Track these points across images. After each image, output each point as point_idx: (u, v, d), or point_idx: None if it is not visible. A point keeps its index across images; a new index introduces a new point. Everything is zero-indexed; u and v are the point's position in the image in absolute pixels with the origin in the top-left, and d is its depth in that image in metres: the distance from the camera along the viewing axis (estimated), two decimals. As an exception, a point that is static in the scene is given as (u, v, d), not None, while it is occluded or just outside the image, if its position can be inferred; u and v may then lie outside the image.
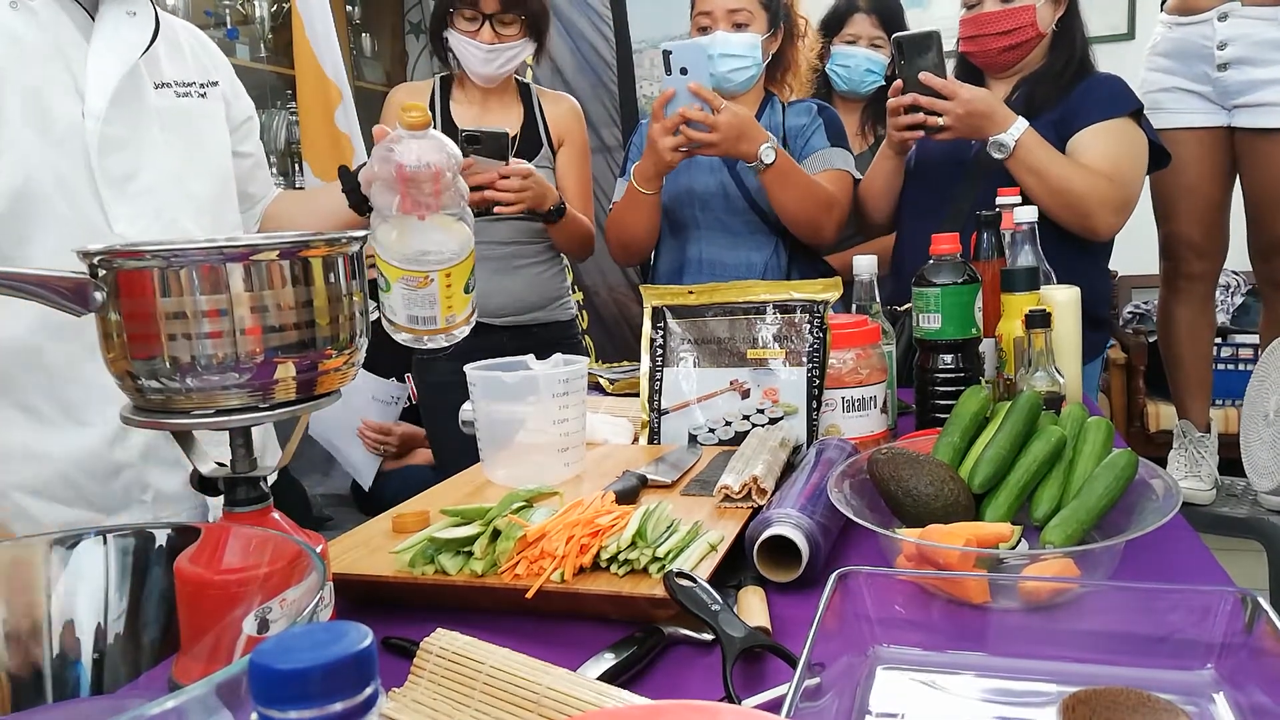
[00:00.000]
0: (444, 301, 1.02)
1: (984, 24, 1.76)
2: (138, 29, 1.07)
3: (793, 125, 1.87)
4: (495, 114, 2.00)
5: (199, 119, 1.17)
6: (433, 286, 1.01)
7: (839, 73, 2.27)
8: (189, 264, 0.62)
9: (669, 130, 1.63)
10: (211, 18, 3.44)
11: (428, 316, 1.02)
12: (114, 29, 1.06)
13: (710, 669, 0.72)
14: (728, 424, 1.27)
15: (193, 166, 1.14)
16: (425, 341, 1.05)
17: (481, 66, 1.92)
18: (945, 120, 1.65)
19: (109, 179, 1.04)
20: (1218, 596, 0.65)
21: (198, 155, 1.16)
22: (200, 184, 1.15)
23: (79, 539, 0.62)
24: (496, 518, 0.87)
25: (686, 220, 1.89)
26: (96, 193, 1.03)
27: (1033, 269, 1.27)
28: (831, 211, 1.79)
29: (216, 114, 1.21)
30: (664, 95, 1.63)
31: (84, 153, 1.02)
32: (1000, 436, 0.97)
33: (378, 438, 2.45)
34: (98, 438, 1.06)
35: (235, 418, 0.65)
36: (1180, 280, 2.23)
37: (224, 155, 1.22)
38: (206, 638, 0.61)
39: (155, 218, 1.09)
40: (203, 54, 1.23)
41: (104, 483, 1.07)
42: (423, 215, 0.99)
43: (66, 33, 1.04)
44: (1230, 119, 2.08)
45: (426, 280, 1.01)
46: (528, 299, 2.02)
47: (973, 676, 0.68)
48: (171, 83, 1.14)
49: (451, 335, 1.06)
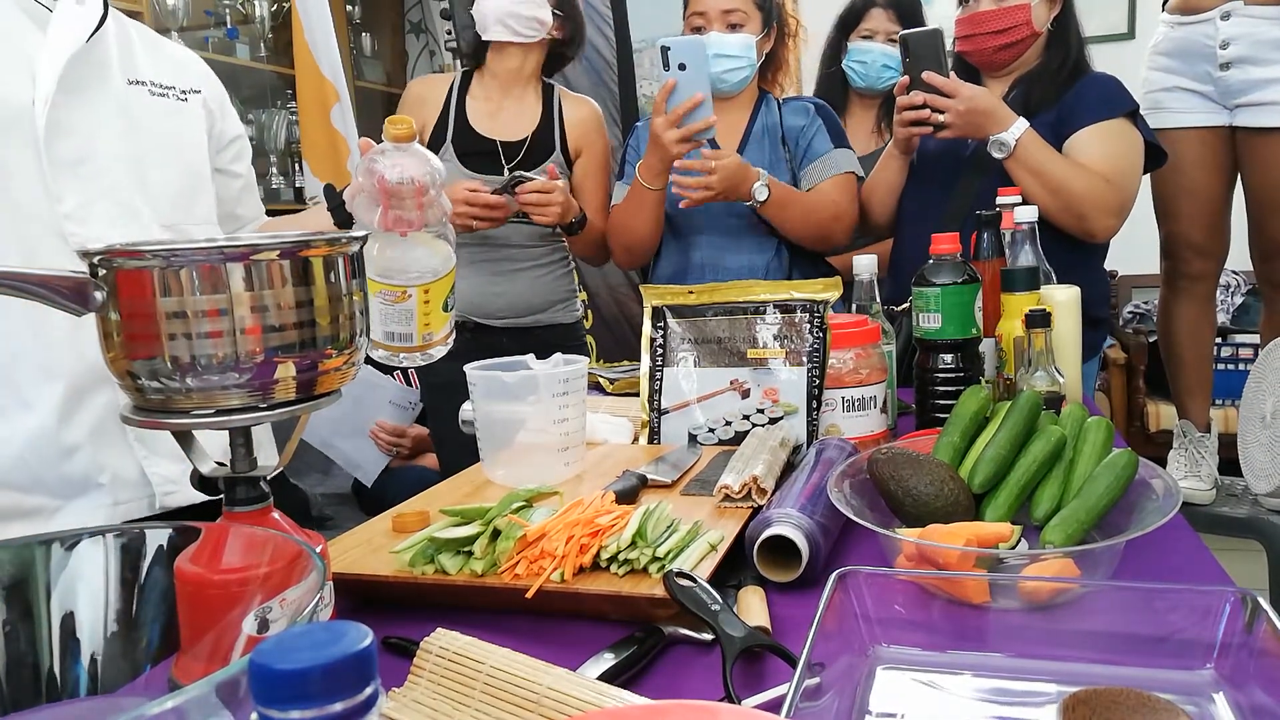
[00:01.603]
0: (421, 319, 1.02)
1: (979, 23, 1.76)
2: (84, 15, 1.10)
3: (791, 125, 1.87)
4: (510, 113, 1.97)
5: (173, 117, 1.20)
6: (410, 302, 1.01)
7: (855, 69, 2.23)
8: (189, 263, 0.62)
9: (673, 123, 1.63)
10: (211, 17, 3.44)
11: (404, 333, 1.02)
12: (63, 18, 1.09)
13: (710, 669, 0.72)
14: (728, 424, 1.27)
15: (157, 155, 1.16)
16: (401, 359, 1.05)
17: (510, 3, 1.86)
18: (947, 118, 1.66)
19: (57, 161, 1.06)
20: (1218, 596, 0.65)
21: (166, 147, 1.18)
22: (163, 173, 1.16)
23: (79, 539, 0.62)
24: (496, 517, 0.87)
25: (687, 224, 1.89)
26: (43, 173, 1.05)
27: (1033, 269, 1.27)
28: (840, 221, 1.80)
29: (194, 118, 1.23)
30: (665, 87, 1.63)
31: (33, 135, 1.04)
32: (1000, 436, 0.97)
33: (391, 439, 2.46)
34: (44, 418, 1.06)
35: (235, 417, 0.65)
36: (1181, 280, 2.23)
37: (197, 154, 1.23)
38: (206, 638, 0.61)
39: (109, 200, 1.10)
40: (194, 67, 1.27)
41: (57, 466, 1.08)
42: (404, 231, 0.98)
43: (21, 25, 1.07)
44: (1232, 118, 2.08)
45: (404, 295, 1.01)
46: (531, 301, 2.01)
47: (973, 676, 0.68)
48: (147, 82, 1.17)
49: (428, 354, 1.05)
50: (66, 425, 1.07)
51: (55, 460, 1.07)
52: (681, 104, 1.61)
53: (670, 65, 1.61)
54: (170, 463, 1.13)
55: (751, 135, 1.88)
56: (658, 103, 1.65)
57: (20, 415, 1.06)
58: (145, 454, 1.13)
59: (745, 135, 1.88)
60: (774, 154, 1.86)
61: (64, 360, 1.06)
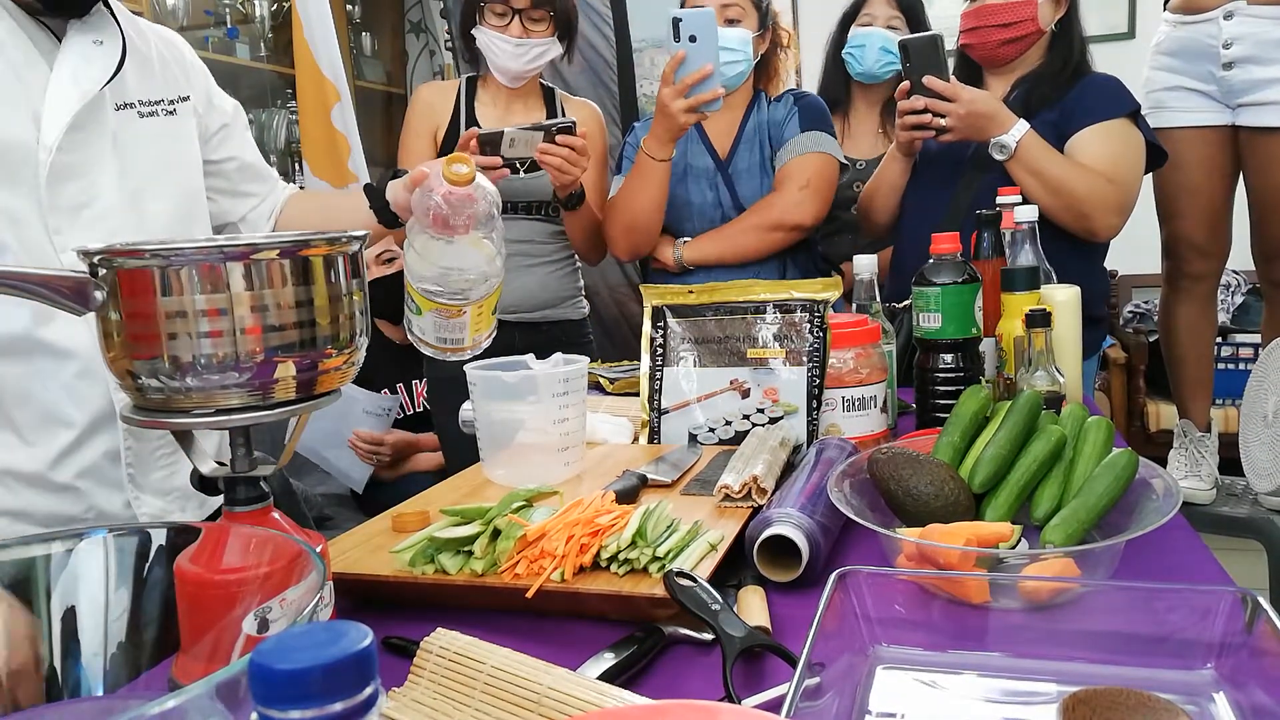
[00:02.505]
0: (473, 326, 1.08)
1: (985, 15, 1.77)
2: (103, 59, 1.04)
3: (774, 119, 1.88)
4: (518, 116, 2.01)
5: (162, 138, 1.14)
6: (464, 317, 1.07)
7: (853, 54, 2.20)
8: (189, 263, 0.62)
9: (680, 94, 1.64)
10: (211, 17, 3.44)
11: (456, 339, 1.09)
12: (78, 58, 1.03)
13: (710, 669, 0.72)
14: (728, 423, 1.27)
15: (152, 187, 1.11)
16: (449, 357, 1.11)
17: (510, 61, 1.91)
18: (948, 122, 1.67)
19: (59, 208, 1.01)
20: (1218, 596, 0.65)
21: (161, 175, 1.12)
22: (161, 204, 1.12)
23: (79, 539, 0.62)
24: (496, 517, 0.87)
25: (682, 230, 1.90)
26: (44, 219, 1.00)
27: (1033, 268, 1.27)
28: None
29: (184, 131, 1.17)
30: (675, 58, 1.63)
31: (35, 180, 0.99)
32: (1000, 436, 0.97)
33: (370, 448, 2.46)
34: (41, 459, 1.04)
35: (235, 417, 0.65)
36: (1182, 280, 2.23)
37: (191, 171, 1.19)
38: (206, 638, 0.61)
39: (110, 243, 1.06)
40: (174, 66, 1.19)
41: (46, 501, 1.05)
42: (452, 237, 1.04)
43: (27, 56, 1.01)
44: (1234, 118, 2.08)
45: (460, 313, 1.07)
46: (541, 296, 2.03)
47: (973, 676, 0.68)
48: (135, 103, 1.11)
49: (476, 348, 1.13)
50: (61, 466, 1.05)
51: (45, 496, 1.05)
52: (691, 74, 1.62)
53: (681, 37, 1.62)
54: (158, 499, 1.11)
55: (744, 135, 1.88)
56: (666, 73, 1.65)
57: (17, 451, 1.03)
58: (135, 494, 1.09)
59: (738, 134, 1.89)
60: (763, 152, 1.87)
61: (72, 412, 1.03)
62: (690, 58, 1.62)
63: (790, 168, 1.83)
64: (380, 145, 3.97)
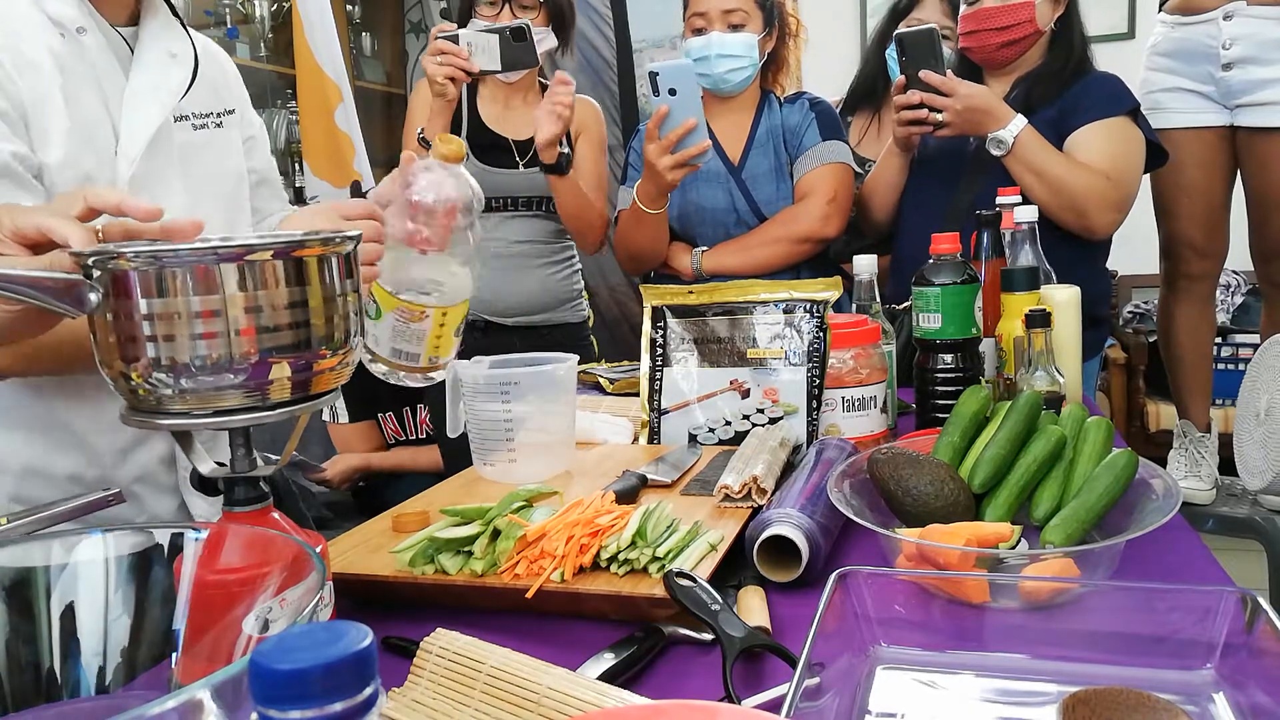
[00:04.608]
0: (432, 341, 1.01)
1: (984, 19, 1.77)
2: (178, 71, 1.06)
3: (789, 124, 1.87)
4: (518, 112, 2.00)
5: (213, 151, 1.15)
6: (426, 323, 1.00)
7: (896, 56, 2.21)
8: (183, 264, 0.62)
9: (666, 150, 1.61)
10: (211, 17, 3.44)
11: (412, 353, 1.01)
12: (156, 70, 1.04)
13: (710, 669, 0.72)
14: (728, 424, 1.27)
15: (206, 202, 1.12)
16: (402, 378, 1.03)
17: None
18: (945, 117, 1.67)
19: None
20: (1218, 596, 0.65)
21: (212, 187, 1.14)
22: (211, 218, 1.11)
23: (79, 539, 0.62)
24: (496, 517, 0.87)
25: (695, 236, 1.89)
26: None
27: (1033, 269, 1.27)
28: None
29: (231, 143, 1.19)
30: (658, 114, 1.60)
31: None
32: (1000, 436, 0.97)
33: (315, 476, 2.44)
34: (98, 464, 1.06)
35: (233, 418, 0.65)
36: (1181, 280, 2.24)
37: (239, 182, 1.20)
38: (206, 638, 0.61)
39: None
40: (220, 80, 1.21)
41: None
42: (424, 250, 0.97)
43: (108, 66, 1.02)
44: (1233, 118, 2.08)
45: (422, 316, 0.99)
46: (540, 299, 2.03)
47: (973, 676, 0.68)
48: (189, 115, 1.12)
49: (429, 377, 1.04)
50: (118, 471, 1.07)
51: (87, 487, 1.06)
52: (674, 130, 1.59)
53: (660, 91, 1.58)
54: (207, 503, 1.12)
55: (756, 139, 1.88)
56: (650, 129, 1.63)
57: (74, 454, 1.05)
58: (189, 497, 1.12)
59: (750, 138, 1.88)
60: (778, 157, 1.86)
61: None
62: (673, 112, 1.59)
63: (814, 179, 1.82)
64: (380, 146, 3.97)
